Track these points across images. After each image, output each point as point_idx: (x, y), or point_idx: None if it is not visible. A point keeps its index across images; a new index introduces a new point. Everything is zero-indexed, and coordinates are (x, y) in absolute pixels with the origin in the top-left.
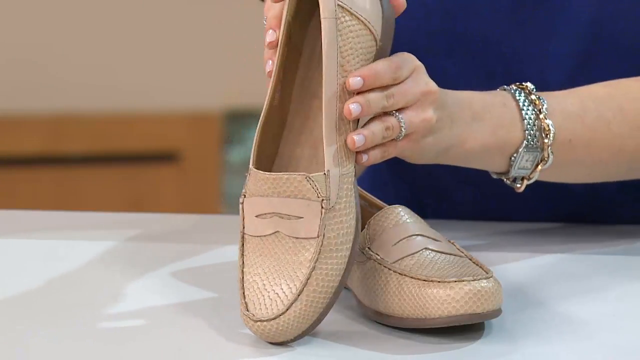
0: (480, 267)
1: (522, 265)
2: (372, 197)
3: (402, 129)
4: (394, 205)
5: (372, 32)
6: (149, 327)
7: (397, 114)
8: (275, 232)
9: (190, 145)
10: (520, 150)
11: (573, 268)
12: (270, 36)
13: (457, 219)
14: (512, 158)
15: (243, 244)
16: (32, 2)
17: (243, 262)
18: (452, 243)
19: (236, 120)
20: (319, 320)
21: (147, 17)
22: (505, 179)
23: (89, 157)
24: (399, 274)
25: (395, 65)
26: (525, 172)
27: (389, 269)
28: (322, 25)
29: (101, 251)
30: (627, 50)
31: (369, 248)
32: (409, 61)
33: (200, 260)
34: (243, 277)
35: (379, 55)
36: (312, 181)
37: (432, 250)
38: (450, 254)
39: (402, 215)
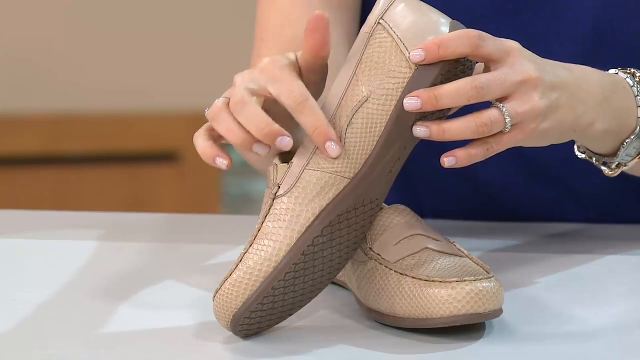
0: (481, 267)
1: (523, 266)
2: None
3: (507, 122)
4: (394, 205)
5: (404, 53)
6: (148, 327)
7: (500, 105)
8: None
9: (190, 145)
10: (632, 136)
11: (574, 268)
12: None
13: (457, 219)
14: (624, 143)
15: None
16: (32, 2)
17: None
18: (452, 243)
19: None
20: (256, 301)
21: (147, 17)
22: (595, 161)
23: (89, 157)
24: (400, 274)
25: (472, 33)
26: (628, 159)
27: (390, 269)
28: (357, 37)
29: (101, 251)
30: (630, 52)
31: (370, 249)
32: (501, 40)
33: (200, 260)
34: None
35: (418, 79)
36: (276, 171)
37: (433, 250)
38: (451, 254)
39: (402, 216)
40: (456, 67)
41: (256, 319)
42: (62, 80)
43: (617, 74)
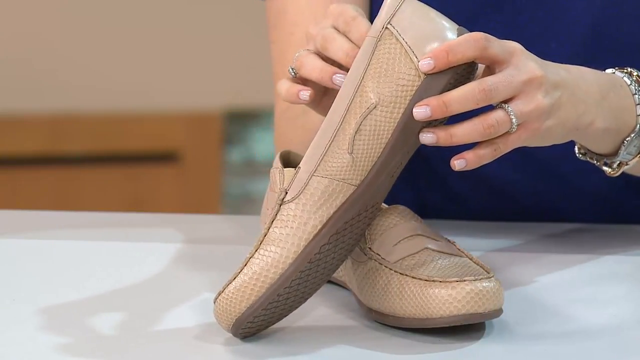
0: (481, 267)
1: (523, 266)
2: None
3: (513, 122)
4: (394, 205)
5: (412, 60)
6: (148, 327)
7: (505, 105)
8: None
9: (190, 145)
10: (632, 134)
11: (574, 268)
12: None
13: (459, 218)
14: (625, 142)
15: None
16: (32, 2)
17: None
18: (452, 243)
19: (236, 120)
20: (261, 307)
21: (147, 17)
22: (596, 162)
23: (89, 157)
24: (400, 273)
25: (478, 36)
26: (629, 157)
27: (390, 269)
28: (364, 41)
29: (101, 251)
30: (629, 53)
31: (370, 248)
32: (504, 41)
33: (201, 260)
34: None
35: (427, 87)
36: (282, 175)
37: (433, 250)
38: (451, 254)
39: (402, 216)
40: (462, 74)
41: (258, 322)
42: (62, 80)
43: (614, 73)
